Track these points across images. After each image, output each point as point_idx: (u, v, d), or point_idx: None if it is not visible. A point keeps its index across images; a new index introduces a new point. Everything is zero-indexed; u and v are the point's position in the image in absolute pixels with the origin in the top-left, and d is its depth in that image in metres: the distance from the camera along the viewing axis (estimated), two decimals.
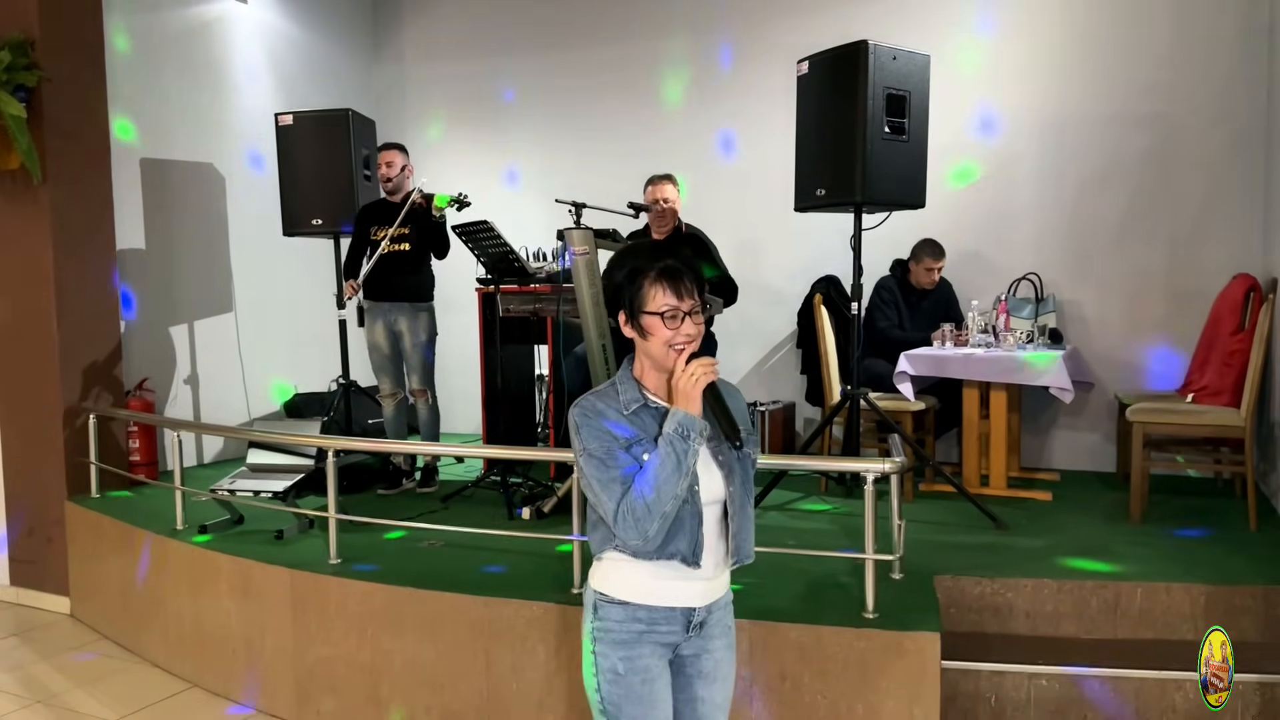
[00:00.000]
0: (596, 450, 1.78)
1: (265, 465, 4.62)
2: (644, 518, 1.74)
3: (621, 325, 1.82)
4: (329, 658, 3.41)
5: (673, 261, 1.78)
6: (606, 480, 1.77)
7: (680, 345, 1.78)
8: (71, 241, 4.65)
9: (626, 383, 1.84)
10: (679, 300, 1.77)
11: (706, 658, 1.91)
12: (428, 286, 4.87)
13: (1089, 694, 2.90)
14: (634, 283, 1.79)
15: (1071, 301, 5.13)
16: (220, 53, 5.77)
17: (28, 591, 4.84)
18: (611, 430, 1.78)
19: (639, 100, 6.03)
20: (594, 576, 1.90)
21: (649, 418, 1.81)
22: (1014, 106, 5.21)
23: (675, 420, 1.74)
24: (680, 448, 1.72)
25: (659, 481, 1.72)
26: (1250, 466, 3.84)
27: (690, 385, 1.74)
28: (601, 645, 1.85)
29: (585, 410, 1.81)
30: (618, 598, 1.84)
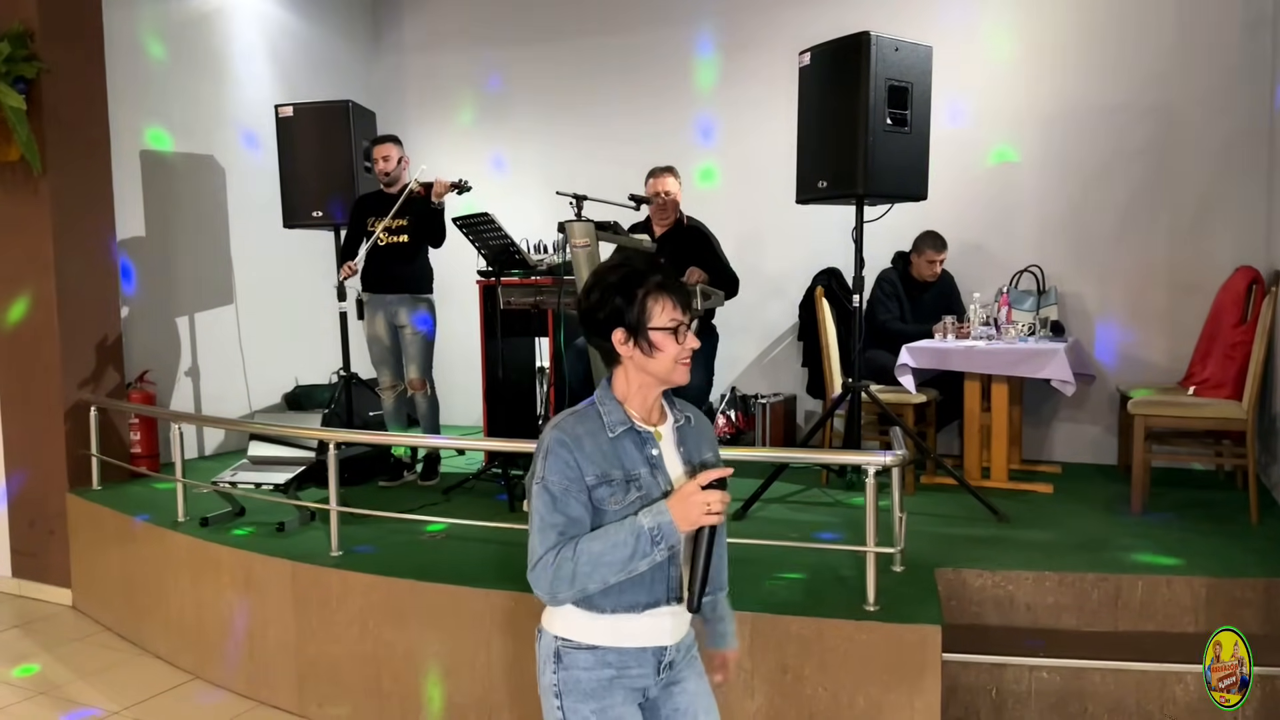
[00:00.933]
0: (554, 486, 1.66)
1: (266, 457, 4.62)
2: (564, 584, 1.62)
3: (618, 345, 1.70)
4: (330, 650, 3.42)
5: (665, 275, 1.72)
6: (548, 523, 1.65)
7: (686, 359, 1.73)
8: (72, 233, 4.65)
9: (609, 404, 1.73)
10: (683, 313, 1.71)
11: (679, 692, 1.80)
12: (427, 278, 4.86)
13: (1090, 686, 2.90)
14: (633, 298, 1.69)
15: (1073, 294, 5.13)
16: (220, 43, 5.76)
17: (30, 583, 4.85)
18: (580, 467, 1.65)
19: (641, 91, 6.01)
20: (551, 622, 1.74)
21: (632, 444, 1.71)
22: (1016, 98, 5.19)
23: (658, 522, 1.61)
24: (644, 549, 1.60)
25: (602, 562, 1.61)
26: (1252, 459, 3.84)
27: (700, 513, 1.60)
28: (570, 699, 1.71)
29: (563, 438, 1.68)
30: (585, 642, 1.70)
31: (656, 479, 1.71)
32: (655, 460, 1.72)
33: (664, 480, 1.71)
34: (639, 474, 1.69)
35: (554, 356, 4.94)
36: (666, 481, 1.72)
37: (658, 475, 1.71)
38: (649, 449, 1.72)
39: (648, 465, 1.71)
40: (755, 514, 4.00)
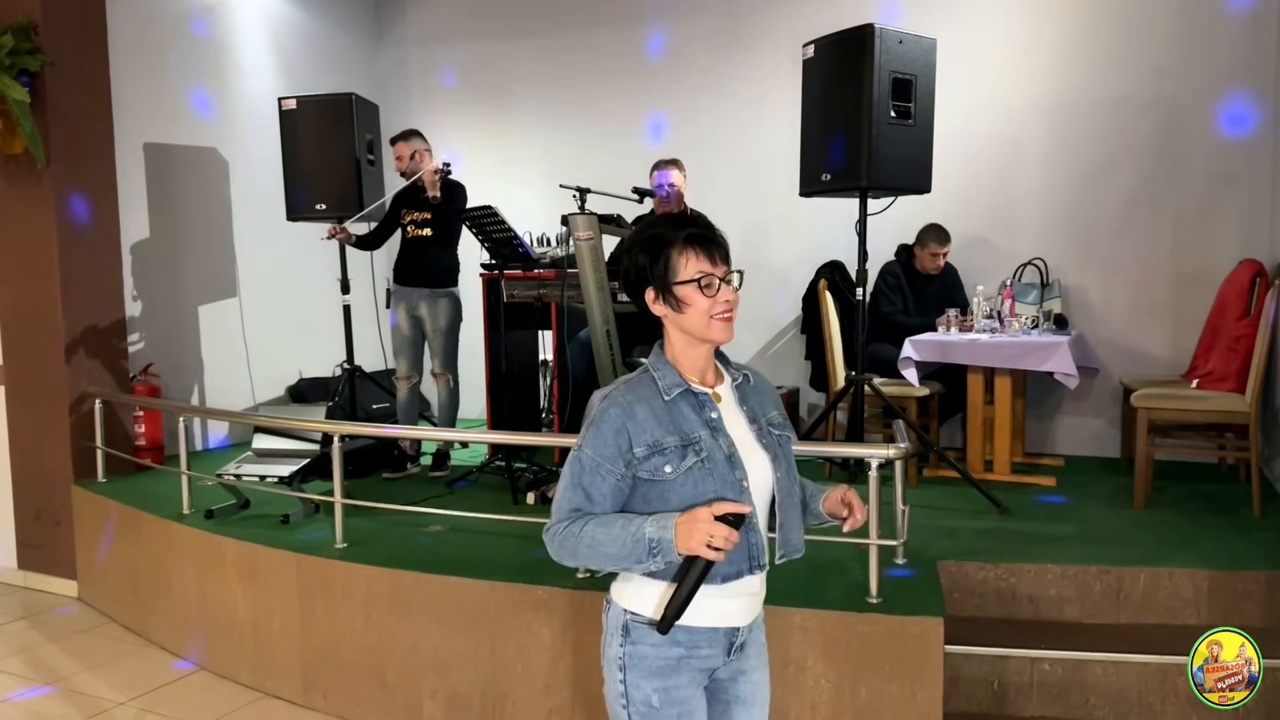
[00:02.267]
0: (585, 459, 1.63)
1: (271, 450, 4.63)
2: (567, 557, 1.64)
3: (650, 305, 1.68)
4: (335, 641, 3.43)
5: (697, 228, 1.67)
6: (571, 494, 1.64)
7: (723, 314, 1.65)
8: (76, 226, 4.66)
9: (663, 367, 1.69)
10: (713, 265, 1.65)
11: (744, 681, 1.74)
12: (450, 272, 4.88)
13: (1091, 678, 2.91)
14: (659, 256, 1.65)
15: (1077, 286, 5.12)
16: (223, 36, 5.76)
17: (36, 575, 4.87)
18: (629, 441, 1.61)
19: (643, 83, 6.00)
20: (622, 594, 1.69)
21: (689, 407, 1.66)
22: (1020, 90, 5.17)
23: (659, 536, 1.55)
24: (639, 555, 1.56)
25: (600, 552, 1.59)
26: (1254, 452, 3.84)
27: (700, 543, 1.52)
28: (634, 674, 1.65)
29: (610, 410, 1.63)
30: (655, 618, 1.63)
31: (718, 441, 1.64)
32: (715, 422, 1.66)
33: (725, 442, 1.64)
34: (698, 437, 1.63)
35: (557, 349, 4.94)
36: (729, 444, 1.65)
37: (719, 438, 1.65)
38: (708, 411, 1.66)
39: (707, 428, 1.65)
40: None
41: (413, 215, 4.82)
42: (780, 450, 1.72)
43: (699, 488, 1.60)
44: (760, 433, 1.71)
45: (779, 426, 1.75)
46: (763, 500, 1.69)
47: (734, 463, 1.64)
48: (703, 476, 1.61)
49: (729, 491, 1.61)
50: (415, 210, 4.80)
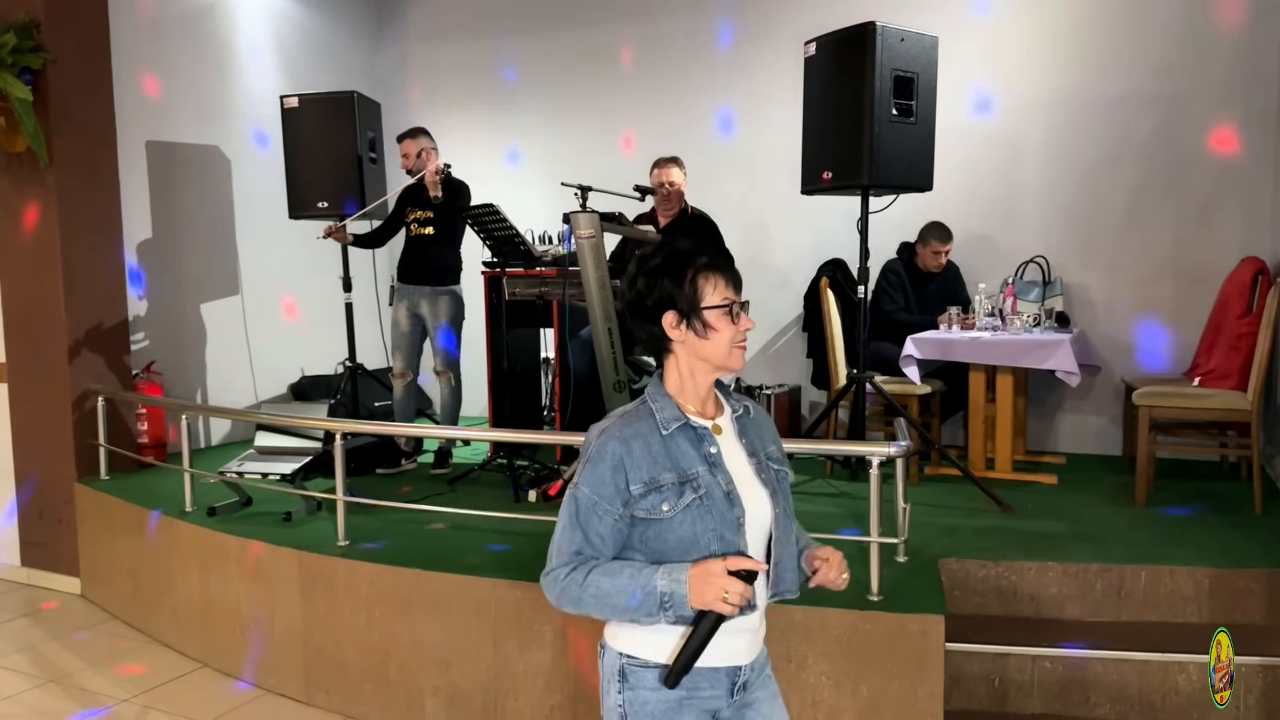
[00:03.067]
0: (583, 498, 1.57)
1: (273, 448, 4.64)
2: (568, 604, 1.57)
3: (669, 330, 1.61)
4: (337, 639, 3.44)
5: (712, 254, 1.65)
6: (570, 535, 1.58)
7: (742, 342, 1.62)
8: (79, 224, 4.66)
9: (661, 400, 1.63)
10: (736, 292, 1.63)
11: (754, 717, 1.67)
12: (451, 270, 4.89)
13: (1092, 676, 2.91)
14: (683, 279, 1.60)
15: (1078, 284, 5.12)
16: (225, 33, 5.76)
17: (39, 572, 4.88)
18: (626, 478, 1.55)
19: (645, 81, 6.00)
20: (616, 638, 1.62)
21: (687, 442, 1.60)
22: (1022, 88, 5.17)
23: (672, 590, 1.50)
24: (649, 609, 1.51)
25: (607, 604, 1.54)
26: (1256, 450, 3.84)
27: (715, 598, 1.48)
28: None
29: (606, 447, 1.57)
30: (652, 660, 1.58)
31: (716, 478, 1.59)
32: (714, 458, 1.61)
33: (724, 479, 1.59)
34: (696, 473, 1.58)
35: (558, 347, 4.95)
36: (727, 480, 1.59)
37: (717, 474, 1.59)
38: (706, 446, 1.61)
39: (706, 463, 1.59)
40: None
41: (416, 214, 4.85)
42: (779, 486, 1.68)
43: (696, 526, 1.55)
44: (760, 467, 1.66)
45: (778, 461, 1.71)
46: (760, 537, 1.63)
47: (732, 500, 1.59)
48: (701, 515, 1.56)
49: (727, 530, 1.57)
50: (419, 209, 4.82)
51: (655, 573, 1.52)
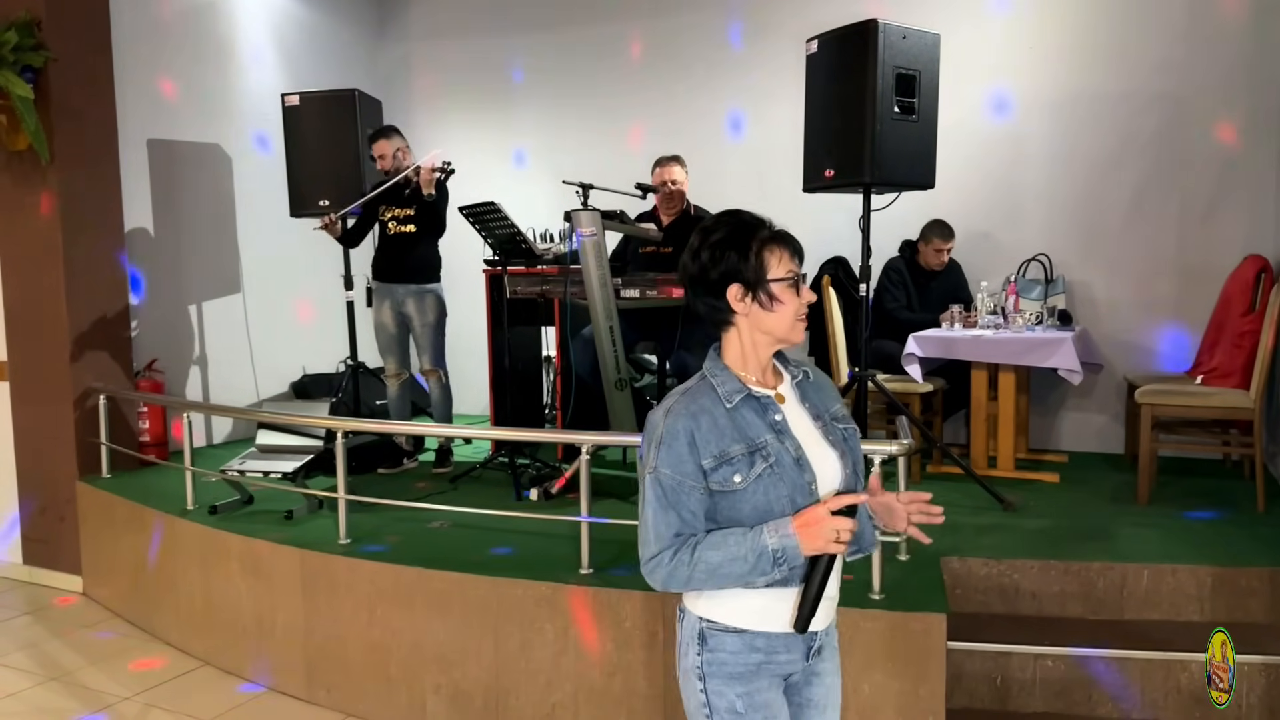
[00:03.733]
0: (665, 479, 1.58)
1: (274, 446, 4.64)
2: (678, 585, 1.58)
3: (734, 302, 1.61)
4: (338, 637, 3.44)
5: (775, 227, 1.65)
6: (665, 517, 1.58)
7: (805, 315, 1.65)
8: (80, 222, 4.66)
9: (721, 373, 1.65)
10: (798, 265, 1.65)
11: (817, 684, 1.71)
12: (434, 267, 4.88)
13: (1094, 674, 2.91)
14: (748, 251, 1.61)
15: (1081, 283, 5.11)
16: (226, 31, 5.76)
17: (41, 570, 4.88)
18: (698, 454, 1.56)
19: (648, 79, 5.99)
20: (696, 602, 1.66)
21: (752, 412, 1.61)
22: (1024, 85, 5.16)
23: (782, 544, 1.52)
24: (763, 568, 1.53)
25: (719, 573, 1.55)
26: (1259, 448, 3.83)
27: (827, 540, 1.51)
28: (714, 681, 1.62)
29: (676, 425, 1.58)
30: (732, 625, 1.62)
31: (784, 444, 1.60)
32: (780, 425, 1.62)
33: (792, 445, 1.61)
34: (764, 441, 1.59)
35: (560, 346, 4.95)
36: (795, 446, 1.61)
37: (785, 441, 1.61)
38: (771, 414, 1.63)
39: (773, 431, 1.61)
40: None
41: (394, 211, 4.79)
42: (847, 446, 1.68)
43: (770, 494, 1.57)
44: (826, 429, 1.67)
45: (843, 420, 1.72)
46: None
47: (802, 465, 1.60)
48: (773, 482, 1.57)
49: (799, 495, 1.58)
50: (397, 207, 4.78)
51: (760, 534, 1.53)
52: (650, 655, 2.97)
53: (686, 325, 4.33)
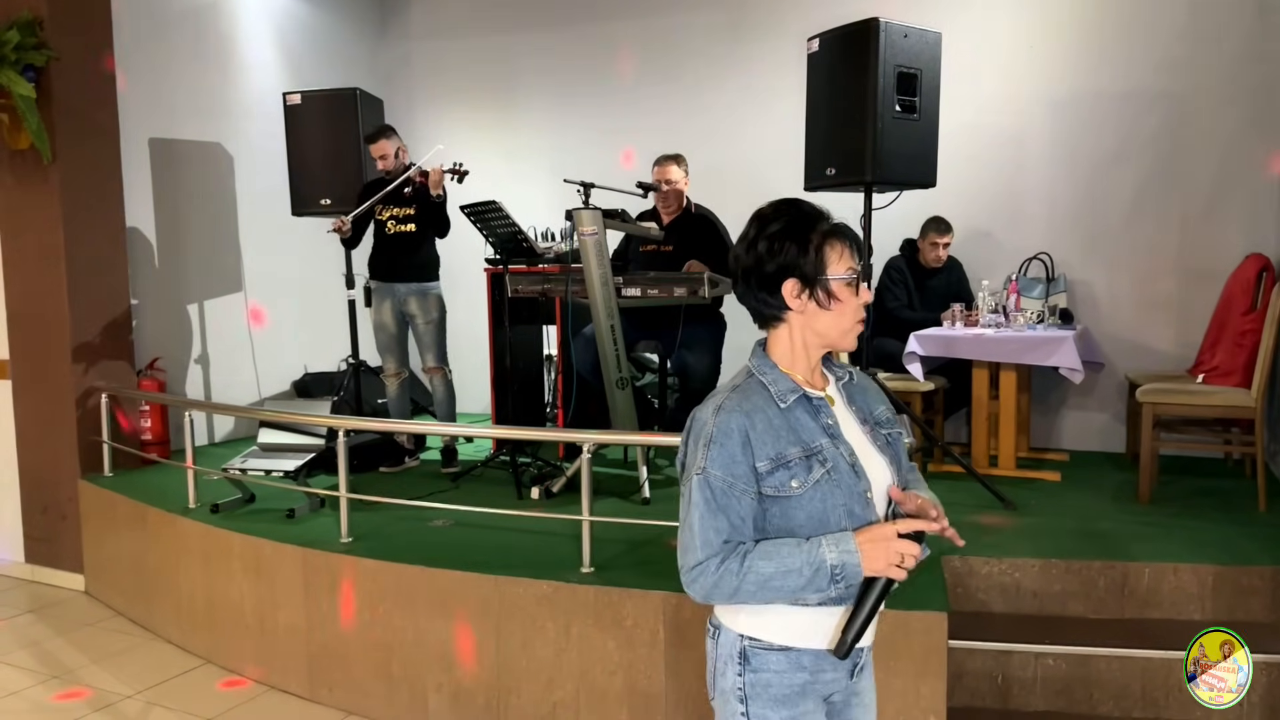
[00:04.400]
0: (716, 481, 1.47)
1: (276, 445, 4.65)
2: (723, 596, 1.47)
3: (790, 298, 1.52)
4: (340, 635, 3.44)
5: (835, 221, 1.55)
6: (709, 524, 1.46)
7: (863, 318, 1.55)
8: (82, 221, 4.67)
9: (772, 372, 1.55)
10: (858, 262, 1.54)
11: (857, 704, 1.63)
12: (434, 266, 4.89)
13: (1095, 673, 2.91)
14: (807, 244, 1.51)
15: (1082, 281, 5.11)
16: (227, 30, 5.76)
17: (43, 569, 4.89)
18: (752, 456, 1.47)
19: (649, 78, 6.00)
20: (735, 618, 1.55)
21: (805, 414, 1.52)
22: (1026, 84, 5.15)
23: (843, 560, 1.43)
24: (820, 584, 1.43)
25: (770, 586, 1.44)
26: (1260, 447, 3.83)
27: (889, 563, 1.44)
28: (758, 704, 1.52)
29: (730, 423, 1.48)
30: (778, 642, 1.52)
31: (839, 449, 1.52)
32: (833, 429, 1.54)
33: (845, 449, 1.52)
34: (820, 445, 1.50)
35: (561, 344, 4.95)
36: (849, 451, 1.53)
37: (839, 445, 1.52)
38: (824, 417, 1.54)
39: (827, 435, 1.52)
40: None
41: (393, 211, 4.78)
42: (895, 451, 1.61)
43: (827, 502, 1.48)
44: (873, 433, 1.60)
45: (888, 424, 1.64)
46: (882, 507, 1.55)
47: (858, 472, 1.52)
48: (830, 489, 1.48)
49: (856, 504, 1.50)
50: (396, 206, 4.77)
51: (819, 547, 1.44)
52: (651, 654, 2.97)
53: (688, 324, 4.33)
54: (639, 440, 4.22)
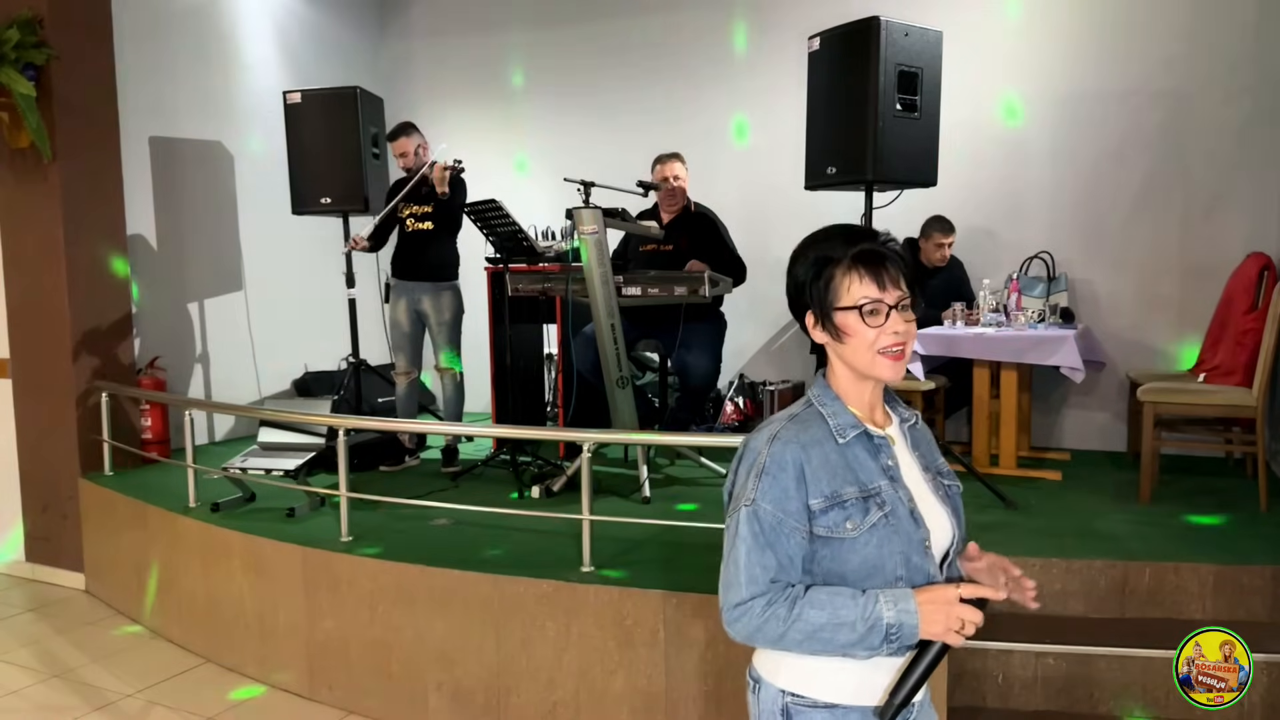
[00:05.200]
0: (765, 515, 1.38)
1: (276, 444, 4.65)
2: (766, 641, 1.38)
3: (810, 331, 1.46)
4: (340, 634, 3.44)
5: (871, 244, 1.42)
6: (755, 561, 1.37)
7: (890, 348, 1.41)
8: (82, 219, 4.67)
9: (832, 404, 1.45)
10: (881, 290, 1.40)
11: None
12: (451, 265, 4.89)
13: (1096, 673, 2.90)
14: (821, 275, 1.42)
15: (1083, 280, 5.10)
16: (228, 29, 5.76)
17: (43, 568, 4.89)
18: (806, 492, 1.39)
19: (649, 76, 5.99)
20: (777, 673, 1.45)
21: (865, 452, 1.43)
22: (1027, 82, 5.15)
23: (900, 620, 1.34)
24: (872, 643, 1.34)
25: (818, 638, 1.35)
26: (1261, 446, 3.83)
27: (948, 628, 1.34)
28: None
29: (784, 456, 1.39)
30: (823, 700, 1.42)
31: (898, 493, 1.43)
32: (893, 470, 1.44)
33: (905, 494, 1.43)
34: (878, 488, 1.41)
35: (561, 343, 4.95)
36: (908, 496, 1.43)
37: (898, 488, 1.43)
38: (884, 457, 1.45)
39: (886, 477, 1.43)
40: None
41: (412, 209, 4.81)
42: (954, 504, 1.51)
43: (883, 548, 1.39)
44: (934, 483, 1.50)
45: (949, 476, 1.54)
46: (939, 559, 1.46)
47: (917, 519, 1.43)
48: (888, 535, 1.39)
49: (914, 553, 1.41)
50: (415, 204, 4.80)
51: (876, 602, 1.35)
52: (651, 653, 2.97)
53: (688, 323, 4.33)
54: (639, 439, 4.22)
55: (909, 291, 1.42)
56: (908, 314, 1.41)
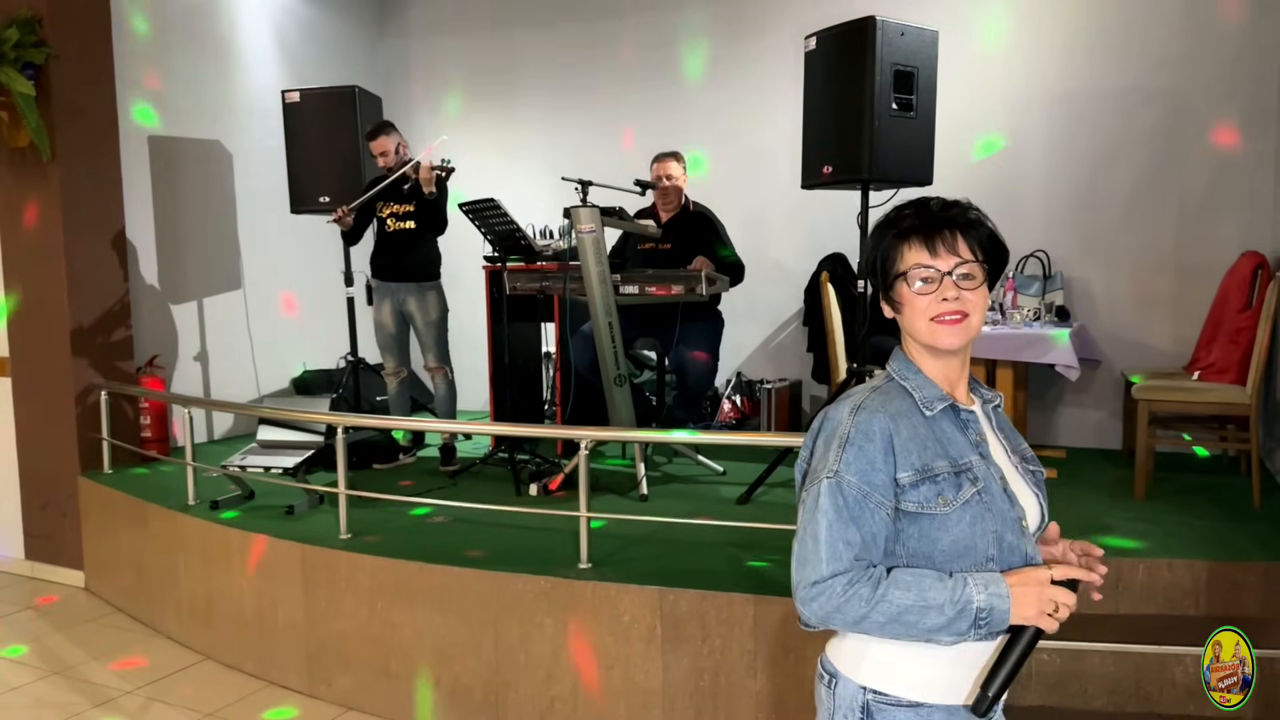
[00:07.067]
0: (850, 488, 1.30)
1: (275, 441, 4.66)
2: (844, 623, 1.29)
3: (883, 303, 1.43)
4: (339, 631, 3.46)
5: (939, 211, 1.38)
6: (839, 536, 1.28)
7: (945, 315, 1.34)
8: (81, 218, 4.68)
9: (915, 377, 1.39)
10: (933, 256, 1.34)
11: None
12: (434, 264, 4.88)
13: (1089, 668, 2.92)
14: (879, 246, 1.39)
15: (1079, 279, 5.12)
16: (227, 28, 5.77)
17: (43, 565, 4.91)
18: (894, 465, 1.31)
19: (647, 76, 6.00)
20: (858, 666, 1.37)
21: (953, 426, 1.37)
22: (1022, 81, 5.16)
23: (991, 604, 1.26)
24: (960, 628, 1.26)
25: (903, 621, 1.27)
26: (1255, 444, 3.85)
27: (1041, 610, 1.29)
28: None
29: (871, 425, 1.32)
30: (907, 698, 1.34)
31: (990, 470, 1.36)
32: (983, 447, 1.37)
33: (996, 472, 1.36)
34: (969, 463, 1.34)
35: (559, 342, 4.96)
36: (999, 474, 1.36)
37: (990, 465, 1.36)
38: (973, 433, 1.38)
39: (977, 452, 1.36)
40: (760, 498, 4.03)
41: (393, 208, 4.75)
42: (1041, 490, 1.46)
43: (976, 526, 1.31)
44: (1021, 467, 1.44)
45: (1033, 462, 1.48)
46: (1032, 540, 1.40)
47: (1010, 497, 1.36)
48: (981, 512, 1.32)
49: (1009, 531, 1.33)
50: (396, 203, 4.75)
51: (965, 585, 1.27)
52: (649, 649, 2.99)
53: (686, 321, 4.35)
54: (637, 437, 4.23)
55: (980, 258, 1.36)
56: (967, 281, 1.35)
